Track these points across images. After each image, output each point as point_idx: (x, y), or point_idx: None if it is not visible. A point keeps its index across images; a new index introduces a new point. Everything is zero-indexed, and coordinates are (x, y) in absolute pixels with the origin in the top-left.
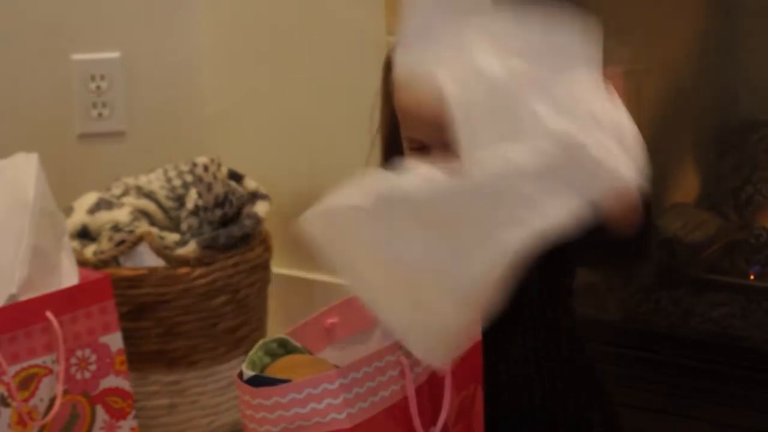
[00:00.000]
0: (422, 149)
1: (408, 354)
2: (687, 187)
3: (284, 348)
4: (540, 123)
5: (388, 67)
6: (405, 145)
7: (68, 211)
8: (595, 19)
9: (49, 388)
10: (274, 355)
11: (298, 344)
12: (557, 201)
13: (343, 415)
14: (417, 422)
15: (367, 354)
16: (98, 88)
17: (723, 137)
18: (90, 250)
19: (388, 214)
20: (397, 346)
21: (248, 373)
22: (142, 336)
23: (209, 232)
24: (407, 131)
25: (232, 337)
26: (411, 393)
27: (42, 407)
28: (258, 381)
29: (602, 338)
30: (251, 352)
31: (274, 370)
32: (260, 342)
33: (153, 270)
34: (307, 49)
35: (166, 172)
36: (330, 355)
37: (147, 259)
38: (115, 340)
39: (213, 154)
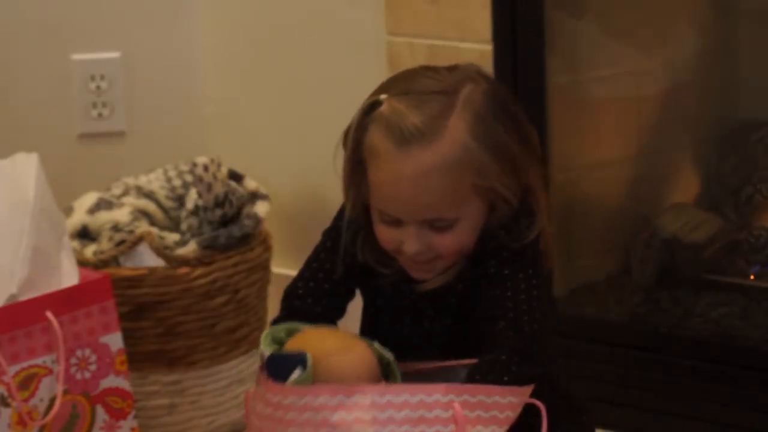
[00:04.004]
0: (396, 223)
1: (469, 406)
2: (687, 187)
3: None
4: None
5: (361, 121)
6: (375, 215)
7: (68, 211)
8: (597, 19)
9: (49, 388)
10: (281, 344)
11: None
12: None
13: None
14: None
15: (416, 385)
16: (98, 88)
17: (723, 137)
18: (90, 250)
19: None
20: (452, 392)
21: (266, 353)
22: (142, 336)
23: (209, 232)
24: (381, 205)
25: (232, 337)
26: None
27: (42, 407)
28: (277, 360)
29: (602, 338)
30: (262, 337)
31: (299, 342)
32: (266, 331)
33: (153, 270)
34: (307, 49)
35: (166, 172)
36: None
37: (147, 259)
38: (115, 340)
39: (213, 154)
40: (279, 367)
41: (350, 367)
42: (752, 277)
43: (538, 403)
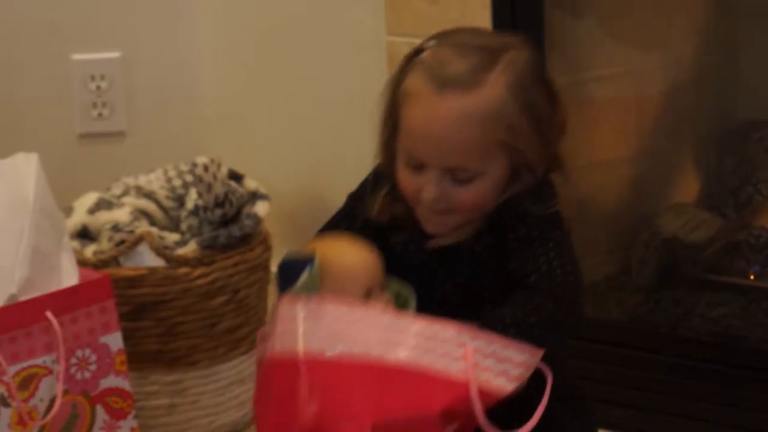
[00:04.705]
0: (419, 167)
1: (483, 353)
2: (687, 187)
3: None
4: None
5: (404, 66)
6: (401, 158)
7: (68, 211)
8: (597, 19)
9: (49, 388)
10: None
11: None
12: None
13: (376, 350)
14: (478, 408)
15: (434, 319)
16: (98, 88)
17: (723, 137)
18: (90, 250)
19: None
20: (466, 333)
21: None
22: (142, 336)
23: (209, 232)
24: (408, 146)
25: (232, 337)
26: (472, 376)
27: (42, 407)
28: (287, 266)
29: (603, 338)
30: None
31: (312, 247)
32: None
33: (153, 270)
34: (307, 49)
35: (166, 172)
36: None
37: (147, 259)
38: (115, 340)
39: (213, 154)
40: (289, 273)
41: (361, 268)
42: (752, 277)
43: (545, 368)
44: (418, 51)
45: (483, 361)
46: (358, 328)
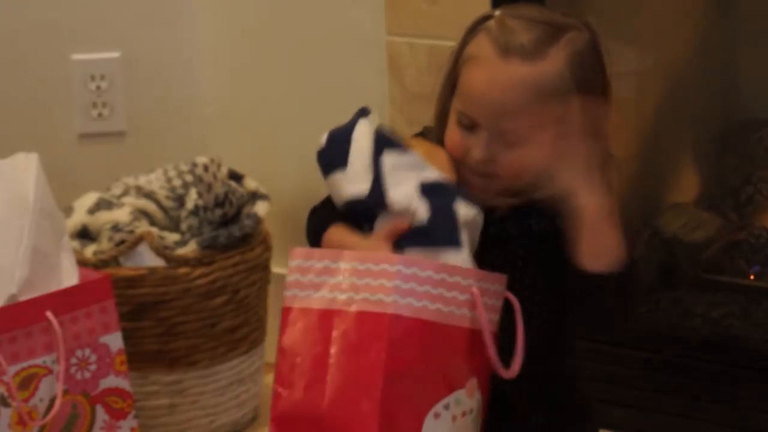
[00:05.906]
0: (471, 128)
1: (484, 291)
2: (687, 187)
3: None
4: None
5: (469, 31)
6: (453, 117)
7: (68, 211)
8: (597, 19)
9: (49, 388)
10: None
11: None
12: None
13: (389, 299)
14: (493, 352)
15: (441, 263)
16: (98, 88)
17: (723, 137)
18: (90, 250)
19: None
20: (473, 275)
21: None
22: (142, 336)
23: (209, 232)
24: (464, 106)
25: (232, 337)
26: (485, 322)
27: (42, 407)
28: (335, 134)
29: (602, 338)
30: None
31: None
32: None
33: (153, 270)
34: (307, 49)
35: (166, 172)
36: None
37: (147, 259)
38: (115, 340)
39: (213, 154)
40: (337, 144)
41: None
42: (752, 277)
43: (512, 297)
44: (483, 19)
45: (487, 301)
46: (373, 279)
